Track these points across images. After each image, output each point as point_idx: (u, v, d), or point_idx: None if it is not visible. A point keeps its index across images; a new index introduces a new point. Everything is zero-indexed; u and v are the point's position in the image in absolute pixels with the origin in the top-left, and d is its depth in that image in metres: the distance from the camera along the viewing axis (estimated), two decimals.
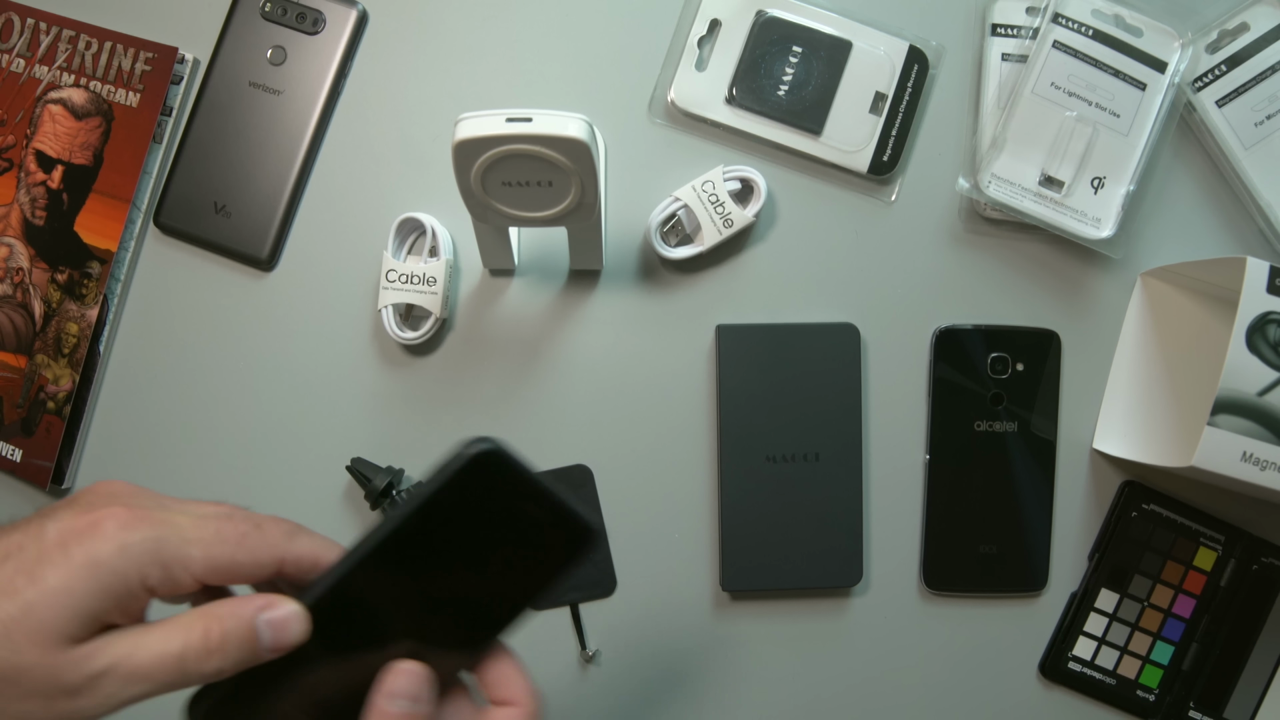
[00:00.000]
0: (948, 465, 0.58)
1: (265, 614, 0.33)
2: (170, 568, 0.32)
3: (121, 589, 0.31)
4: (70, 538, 0.31)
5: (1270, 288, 0.48)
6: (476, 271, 0.59)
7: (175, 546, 0.32)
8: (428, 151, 0.59)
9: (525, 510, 0.36)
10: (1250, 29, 0.57)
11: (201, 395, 0.60)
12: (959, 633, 0.59)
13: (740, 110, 0.58)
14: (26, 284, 0.59)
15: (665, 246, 0.58)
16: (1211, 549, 0.58)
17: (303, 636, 0.34)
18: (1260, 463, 0.47)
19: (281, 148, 0.59)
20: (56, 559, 0.30)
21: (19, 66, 0.59)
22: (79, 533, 0.31)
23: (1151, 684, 0.59)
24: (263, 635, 0.33)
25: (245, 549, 0.33)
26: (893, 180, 0.59)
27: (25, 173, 0.59)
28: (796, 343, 0.57)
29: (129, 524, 0.32)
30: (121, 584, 0.31)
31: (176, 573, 0.32)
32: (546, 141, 0.44)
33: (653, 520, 0.59)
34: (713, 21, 0.58)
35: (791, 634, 0.59)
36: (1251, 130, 0.57)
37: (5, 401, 0.59)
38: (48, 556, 0.31)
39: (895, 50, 0.58)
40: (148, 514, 0.32)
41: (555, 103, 0.59)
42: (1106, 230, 0.57)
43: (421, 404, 0.59)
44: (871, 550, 0.59)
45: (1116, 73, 0.56)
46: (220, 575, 0.33)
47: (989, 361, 0.58)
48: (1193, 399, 0.55)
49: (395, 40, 0.60)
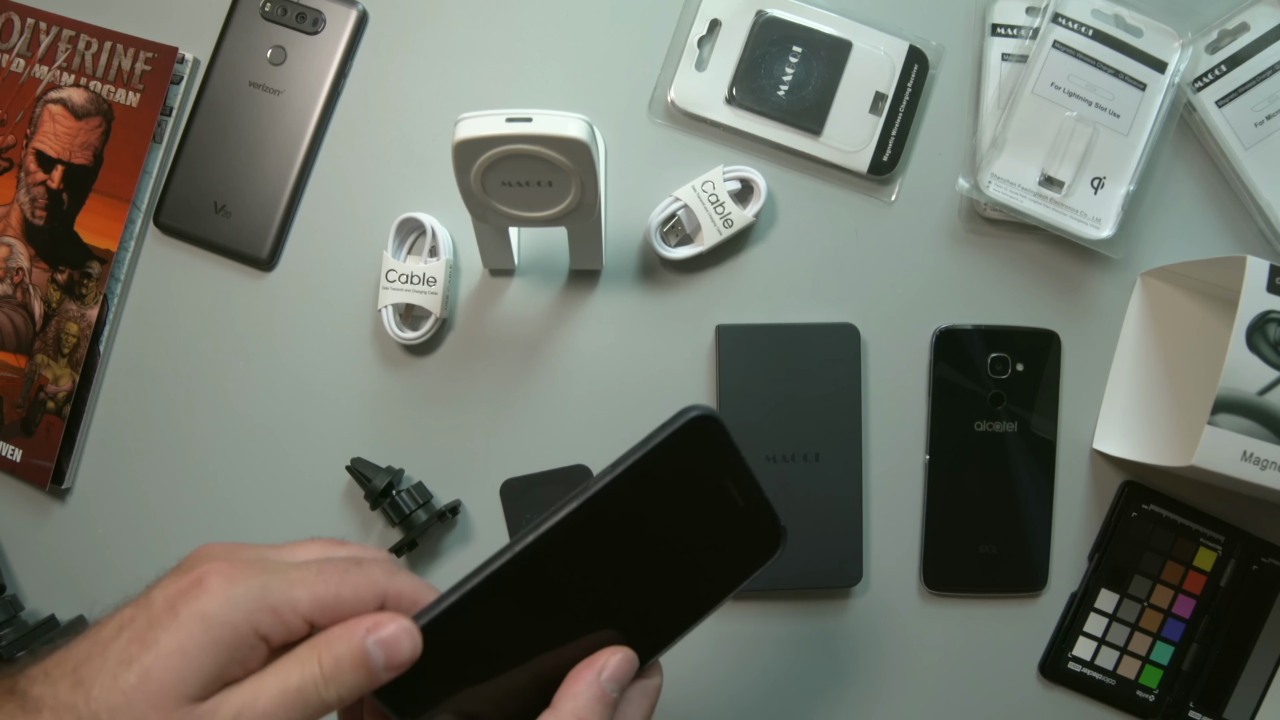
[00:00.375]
0: (948, 465, 0.58)
1: (373, 635, 0.33)
2: (279, 611, 0.32)
3: (234, 640, 0.31)
4: (178, 599, 0.31)
5: (1270, 287, 0.48)
6: (476, 271, 0.59)
7: (280, 590, 0.32)
8: (428, 151, 0.59)
9: (728, 492, 0.35)
10: (1250, 29, 0.57)
11: (201, 395, 0.60)
12: (959, 633, 0.59)
13: (740, 110, 0.58)
14: (26, 284, 0.59)
15: (665, 246, 0.58)
16: (1211, 549, 0.58)
17: (415, 651, 0.33)
18: (1260, 462, 0.47)
19: (281, 148, 0.59)
20: (166, 622, 0.31)
21: (19, 66, 0.59)
22: (184, 593, 0.31)
23: (1151, 684, 0.59)
24: (374, 656, 0.33)
25: (349, 585, 0.34)
26: (893, 180, 0.59)
27: (25, 172, 0.59)
28: (796, 343, 0.57)
29: (232, 577, 0.32)
30: (234, 635, 0.31)
31: (286, 616, 0.32)
32: (546, 141, 0.44)
33: None
34: (713, 21, 0.58)
35: (791, 634, 0.59)
36: (1251, 130, 0.57)
37: (5, 401, 0.59)
38: (158, 621, 0.31)
39: (895, 50, 0.58)
40: (247, 565, 0.33)
41: (555, 103, 0.59)
42: (1106, 230, 0.57)
43: (421, 404, 0.59)
44: (871, 550, 0.59)
45: (1116, 73, 0.56)
46: (327, 613, 0.33)
47: (989, 361, 0.58)
48: (1193, 399, 0.55)
49: (395, 40, 0.60)
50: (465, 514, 0.59)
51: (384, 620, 0.33)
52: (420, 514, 0.56)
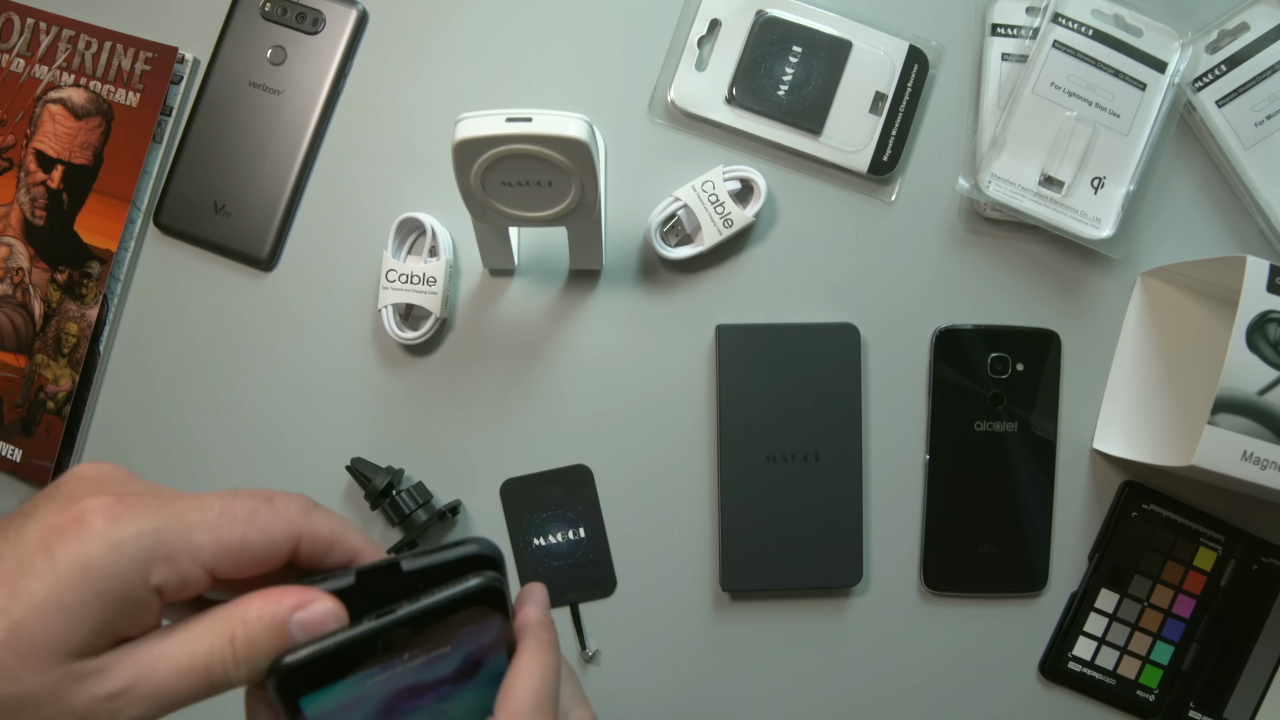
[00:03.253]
0: (948, 465, 0.58)
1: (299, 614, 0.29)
2: (175, 561, 0.27)
3: (121, 594, 0.26)
4: (54, 539, 0.26)
5: (1270, 287, 0.48)
6: (476, 271, 0.59)
7: (177, 535, 0.27)
8: (428, 151, 0.59)
9: None
10: (1250, 29, 0.57)
11: (201, 395, 0.60)
12: (959, 633, 0.59)
13: (740, 110, 0.58)
14: (26, 284, 0.59)
15: (665, 246, 0.58)
16: (1211, 549, 0.58)
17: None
18: (1260, 462, 0.47)
19: (281, 148, 0.59)
20: (40, 567, 0.26)
21: (19, 66, 0.59)
22: (63, 532, 0.26)
23: (1151, 684, 0.59)
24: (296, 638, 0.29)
25: (257, 527, 0.29)
26: (893, 180, 0.59)
27: (25, 172, 0.59)
28: (796, 343, 0.57)
29: (119, 516, 0.27)
30: (120, 588, 0.26)
31: (183, 566, 0.27)
32: (546, 141, 0.44)
33: (652, 520, 0.59)
34: (713, 21, 0.58)
35: (791, 634, 0.59)
36: (1251, 130, 0.57)
37: (5, 401, 0.59)
38: (30, 564, 0.26)
39: (895, 50, 0.58)
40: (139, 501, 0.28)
41: (555, 103, 0.59)
42: (1106, 230, 0.57)
43: (421, 404, 0.59)
44: (871, 550, 0.59)
45: (1116, 73, 0.56)
46: (233, 560, 0.28)
47: (989, 361, 0.58)
48: (1193, 398, 0.55)
49: (395, 40, 0.60)
50: (465, 514, 0.59)
51: (310, 597, 0.29)
52: (420, 514, 0.56)
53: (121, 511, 0.27)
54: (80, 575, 0.26)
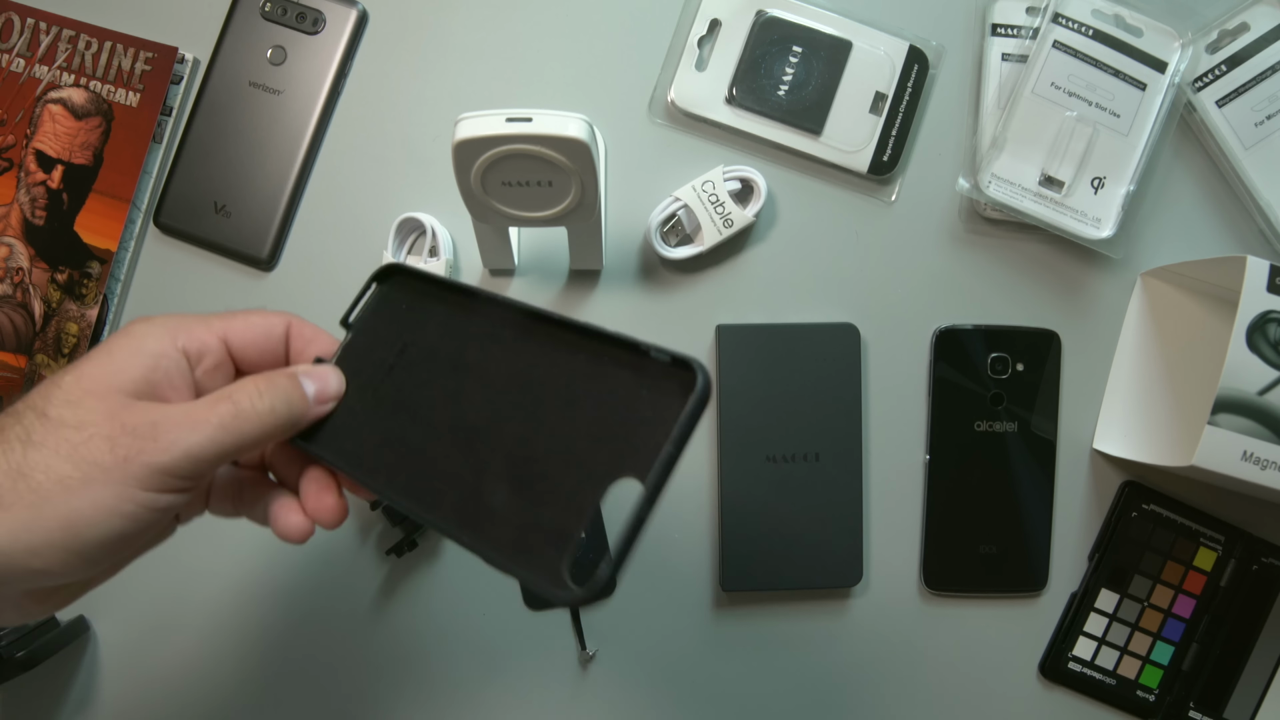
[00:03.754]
0: (948, 465, 0.58)
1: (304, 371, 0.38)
2: (194, 330, 0.37)
3: (157, 350, 0.36)
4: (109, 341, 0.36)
5: (1270, 287, 0.48)
6: (476, 271, 0.59)
7: (194, 318, 0.38)
8: (428, 151, 0.59)
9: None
10: (1250, 29, 0.57)
11: None
12: (959, 633, 0.59)
13: (740, 110, 0.58)
14: (26, 284, 0.59)
15: (665, 246, 0.58)
16: (1211, 549, 0.58)
17: (340, 387, 0.39)
18: (1260, 462, 0.47)
19: (281, 148, 0.59)
20: (98, 348, 0.36)
21: (19, 66, 0.59)
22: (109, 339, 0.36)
23: (1151, 684, 0.59)
24: (306, 385, 0.38)
25: (255, 313, 0.39)
26: (893, 180, 0.59)
27: (25, 172, 0.59)
28: (796, 343, 0.57)
29: (149, 319, 0.37)
30: (156, 346, 0.36)
31: (200, 333, 0.37)
32: (546, 141, 0.44)
33: (653, 520, 0.59)
34: (713, 21, 0.58)
35: (791, 634, 0.59)
36: (1251, 130, 0.57)
37: (5, 402, 0.59)
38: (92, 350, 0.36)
39: (895, 50, 0.58)
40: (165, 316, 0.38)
41: (555, 103, 0.59)
42: (1106, 230, 0.57)
43: None
44: (871, 550, 0.59)
45: (1116, 73, 0.56)
46: (239, 330, 0.38)
47: (989, 361, 0.58)
48: (1193, 399, 0.55)
49: (395, 40, 0.60)
50: None
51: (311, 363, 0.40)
52: None
53: (151, 318, 0.37)
54: (124, 338, 0.36)
